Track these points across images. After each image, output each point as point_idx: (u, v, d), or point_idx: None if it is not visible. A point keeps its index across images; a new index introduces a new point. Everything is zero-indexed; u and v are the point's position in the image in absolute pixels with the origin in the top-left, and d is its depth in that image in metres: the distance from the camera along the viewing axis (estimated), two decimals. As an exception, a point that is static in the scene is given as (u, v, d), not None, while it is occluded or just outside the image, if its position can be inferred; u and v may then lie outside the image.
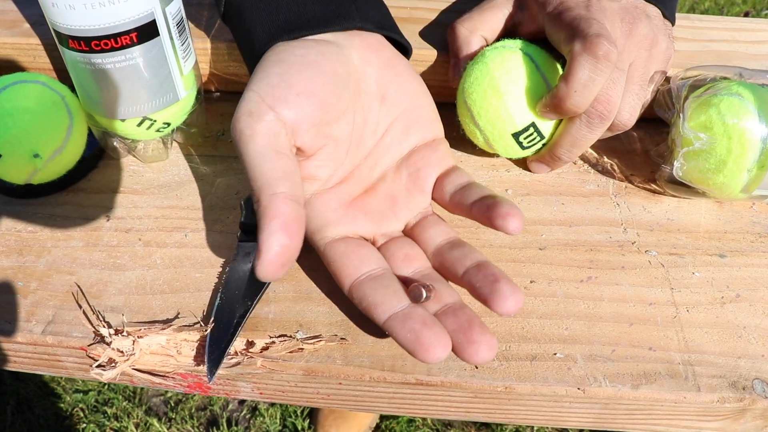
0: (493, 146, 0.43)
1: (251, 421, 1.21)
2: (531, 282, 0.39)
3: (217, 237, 0.42)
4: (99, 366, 0.36)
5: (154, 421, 1.19)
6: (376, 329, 0.36)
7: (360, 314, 0.37)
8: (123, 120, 0.43)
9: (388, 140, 0.40)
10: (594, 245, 0.42)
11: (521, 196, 0.45)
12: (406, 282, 0.36)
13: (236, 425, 1.20)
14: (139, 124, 0.44)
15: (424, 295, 0.34)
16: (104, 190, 0.45)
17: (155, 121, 0.44)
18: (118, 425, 1.18)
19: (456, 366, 0.35)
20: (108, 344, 0.36)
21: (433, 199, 0.40)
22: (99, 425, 1.18)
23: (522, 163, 0.47)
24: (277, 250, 0.30)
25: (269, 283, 0.38)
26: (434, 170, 0.40)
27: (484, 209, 0.36)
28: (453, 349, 0.32)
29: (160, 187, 0.45)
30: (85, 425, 1.17)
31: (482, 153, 0.47)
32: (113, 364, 0.36)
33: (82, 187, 0.45)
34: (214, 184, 0.46)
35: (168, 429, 1.18)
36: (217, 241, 0.42)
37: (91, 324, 0.37)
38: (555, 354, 0.36)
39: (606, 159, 0.47)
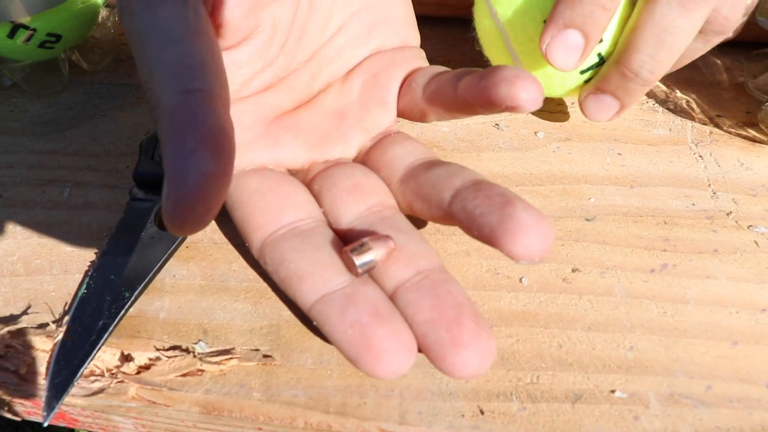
0: (521, 63, 0.27)
1: None
2: (573, 271, 0.24)
3: (107, 194, 0.27)
4: None
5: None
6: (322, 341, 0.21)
7: (302, 317, 0.22)
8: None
9: (341, 41, 0.25)
10: (669, 216, 0.26)
11: (558, 142, 0.29)
12: (349, 237, 0.21)
13: None
14: (12, 35, 0.29)
15: (371, 255, 0.19)
16: (-28, 128, 0.31)
17: (35, 30, 0.29)
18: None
19: (449, 410, 0.20)
20: None
21: (399, 112, 0.25)
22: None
23: (563, 106, 0.31)
24: (196, 182, 0.16)
25: (162, 264, 0.23)
26: (399, 73, 0.25)
27: (478, 85, 0.20)
28: (425, 352, 0.18)
29: (46, 125, 0.31)
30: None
31: None
32: None
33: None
34: (118, 120, 0.31)
35: None
36: (106, 199, 0.27)
37: None
38: (613, 392, 0.21)
39: (679, 93, 0.31)
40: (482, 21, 0.28)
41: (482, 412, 0.20)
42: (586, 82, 0.27)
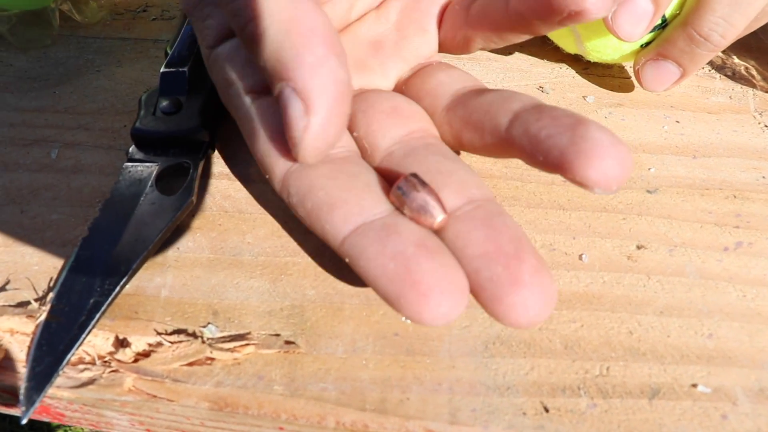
0: (577, 28, 0.23)
1: None
2: (638, 248, 0.20)
3: (100, 156, 0.23)
4: None
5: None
6: (359, 323, 0.18)
7: (331, 297, 0.18)
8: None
9: None
10: (738, 189, 0.22)
11: (609, 107, 0.25)
12: (387, 165, 0.17)
13: None
14: (-6, -23, 0.25)
15: (419, 191, 0.15)
16: (-50, 84, 0.27)
17: (21, -28, 0.25)
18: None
19: (508, 407, 0.16)
20: None
21: (441, 43, 0.21)
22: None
23: (612, 69, 0.28)
24: (334, 91, 0.14)
25: (164, 234, 0.19)
26: None
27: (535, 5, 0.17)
28: (476, 292, 0.14)
29: (33, 81, 0.26)
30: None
31: (549, 53, 0.27)
32: None
33: None
34: (114, 76, 0.27)
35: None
36: (99, 162, 0.23)
37: None
38: (695, 386, 0.17)
39: (737, 60, 0.27)
40: None
41: (546, 410, 0.16)
42: (643, 46, 0.24)
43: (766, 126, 0.24)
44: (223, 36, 0.19)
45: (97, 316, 0.17)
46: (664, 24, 0.23)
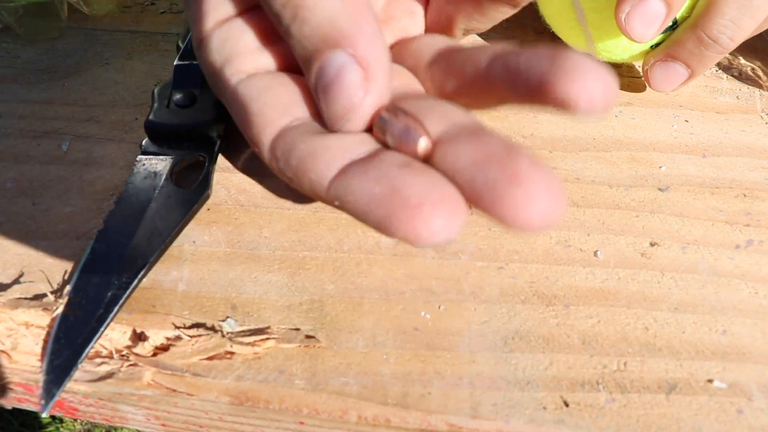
0: (587, 21, 0.23)
1: None
2: (652, 245, 0.21)
3: (112, 149, 0.23)
4: None
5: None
6: (379, 318, 0.18)
7: (350, 291, 0.18)
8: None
9: None
10: (748, 188, 0.22)
11: (620, 106, 0.25)
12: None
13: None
14: (3, -34, 0.25)
15: (400, 118, 0.14)
16: (-44, 75, 0.26)
17: (30, -37, 0.25)
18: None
19: (528, 401, 0.16)
20: None
21: (428, 26, 0.21)
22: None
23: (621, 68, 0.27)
24: (387, 62, 0.15)
25: (181, 227, 0.19)
26: None
27: None
28: (474, 201, 0.13)
29: (41, 73, 0.26)
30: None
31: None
32: None
33: None
34: (124, 69, 0.26)
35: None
36: (112, 154, 0.22)
37: None
38: (710, 381, 0.18)
39: (743, 60, 0.27)
40: None
41: (566, 404, 0.16)
42: (653, 47, 0.24)
43: (773, 126, 0.24)
44: (218, 22, 0.19)
45: (116, 309, 0.17)
46: (674, 26, 0.23)
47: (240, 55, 0.18)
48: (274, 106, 0.17)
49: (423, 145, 0.14)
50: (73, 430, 0.73)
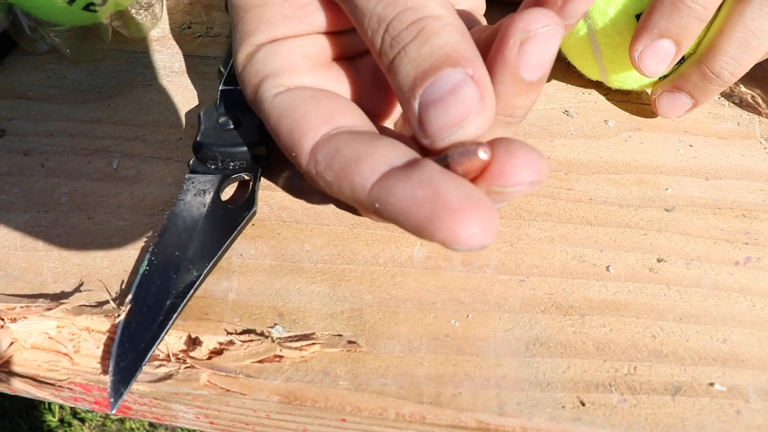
0: (602, 55, 0.26)
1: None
2: (659, 261, 0.23)
3: (160, 166, 0.25)
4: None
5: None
6: (413, 325, 0.20)
7: (387, 301, 0.21)
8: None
9: None
10: (747, 209, 0.25)
11: (629, 131, 0.28)
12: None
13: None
14: (55, -6, 0.27)
15: (481, 152, 0.15)
16: (5, 94, 0.28)
17: (80, -9, 0.27)
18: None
19: (549, 401, 0.19)
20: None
21: None
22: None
23: (631, 95, 0.30)
24: (492, 91, 0.16)
25: (231, 241, 0.21)
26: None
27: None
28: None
29: (87, 93, 0.28)
30: None
31: (574, 79, 0.30)
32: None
33: (-31, 88, 0.28)
34: (165, 90, 0.29)
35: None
36: (159, 172, 0.25)
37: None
38: (712, 385, 0.20)
39: (744, 88, 0.30)
40: None
41: (583, 404, 0.19)
42: (661, 78, 0.26)
43: (770, 151, 0.27)
44: (264, 42, 0.21)
45: (174, 316, 0.20)
46: (681, 60, 0.25)
47: (284, 72, 0.20)
48: (317, 113, 0.19)
49: (484, 156, 0.15)
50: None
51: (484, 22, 0.24)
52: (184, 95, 0.28)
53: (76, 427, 0.76)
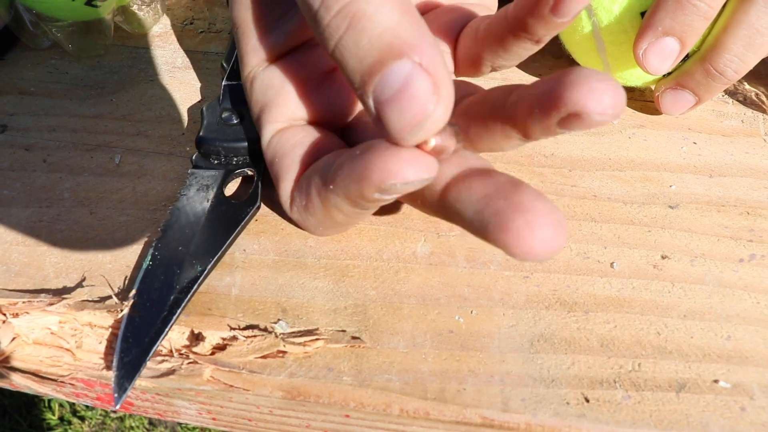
0: (606, 52, 0.26)
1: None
2: (663, 258, 0.23)
3: (162, 162, 0.25)
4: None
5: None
6: (417, 321, 0.20)
7: (390, 297, 0.21)
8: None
9: None
10: (751, 206, 0.25)
11: (633, 128, 0.28)
12: None
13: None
14: (58, -11, 0.27)
15: (455, 139, 0.16)
16: (7, 89, 0.28)
17: (83, -14, 0.27)
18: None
19: (553, 397, 0.19)
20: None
21: (456, 64, 0.22)
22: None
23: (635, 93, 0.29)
24: (449, 73, 0.15)
25: (235, 236, 0.21)
26: (462, 20, 0.22)
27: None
28: (481, 231, 0.15)
29: (89, 89, 0.28)
30: None
31: None
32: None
33: (-30, 82, 0.28)
34: (168, 86, 0.29)
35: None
36: (162, 167, 0.25)
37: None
38: (716, 381, 0.20)
39: (747, 86, 0.30)
40: None
41: (587, 400, 0.19)
42: (665, 75, 0.26)
43: (774, 148, 0.27)
44: (262, 60, 0.21)
45: (178, 311, 0.20)
46: (685, 57, 0.25)
47: (277, 105, 0.21)
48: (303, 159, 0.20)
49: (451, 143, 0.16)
50: (81, 433, 0.75)
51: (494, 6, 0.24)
52: (186, 91, 0.28)
53: (76, 425, 0.76)
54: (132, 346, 0.19)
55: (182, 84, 0.28)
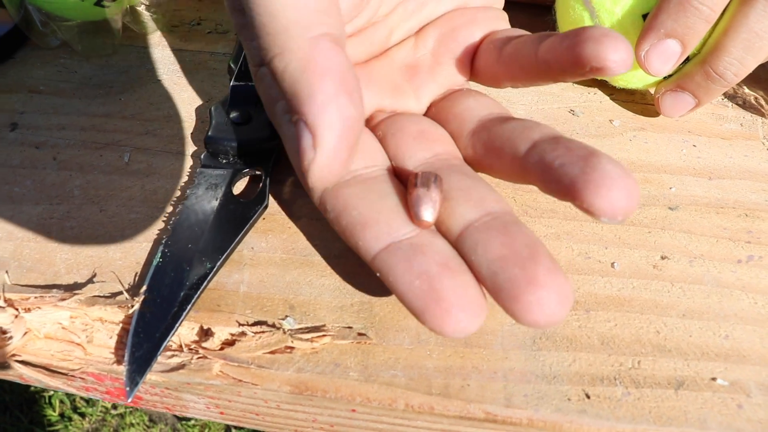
0: None
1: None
2: (662, 258, 0.23)
3: (171, 160, 0.26)
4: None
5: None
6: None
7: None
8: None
9: None
10: (750, 209, 0.26)
11: (634, 131, 0.28)
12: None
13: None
14: (68, -11, 0.27)
15: (419, 190, 0.18)
16: (17, 88, 0.29)
17: (92, -14, 0.28)
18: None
19: (555, 393, 0.19)
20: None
21: (473, 72, 0.23)
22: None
23: (636, 95, 0.31)
24: (340, 128, 0.16)
25: (243, 234, 0.22)
26: (478, 31, 0.23)
27: (561, 44, 0.19)
28: (494, 293, 0.16)
29: (98, 88, 0.29)
30: None
31: (582, 80, 0.30)
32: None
33: (-19, 81, 0.28)
34: (176, 86, 0.29)
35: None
36: (170, 166, 0.25)
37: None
38: (714, 379, 0.20)
39: (747, 90, 0.31)
40: (572, 7, 0.27)
41: (588, 396, 0.19)
42: (665, 77, 0.27)
43: (773, 152, 0.28)
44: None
45: (188, 307, 0.20)
46: (686, 60, 0.26)
47: None
48: None
49: (423, 217, 0.17)
50: (81, 429, 0.75)
51: (504, 19, 0.24)
52: (194, 91, 0.28)
53: (77, 422, 0.77)
54: (143, 341, 0.19)
55: (190, 84, 0.29)
